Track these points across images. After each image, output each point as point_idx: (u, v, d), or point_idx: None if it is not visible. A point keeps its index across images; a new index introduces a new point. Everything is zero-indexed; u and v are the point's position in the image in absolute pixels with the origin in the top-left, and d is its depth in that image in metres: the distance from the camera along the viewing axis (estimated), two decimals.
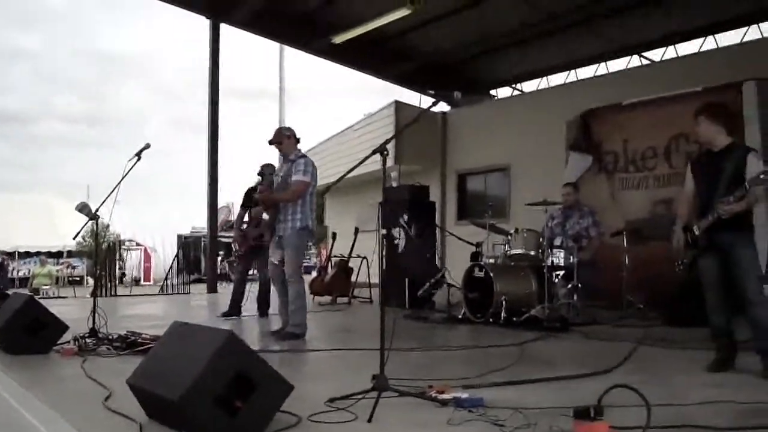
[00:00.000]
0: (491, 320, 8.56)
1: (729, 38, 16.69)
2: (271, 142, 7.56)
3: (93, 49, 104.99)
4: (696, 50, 16.92)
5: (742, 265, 5.22)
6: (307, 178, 7.28)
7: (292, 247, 7.25)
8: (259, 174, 8.51)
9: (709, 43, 16.96)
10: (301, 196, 7.26)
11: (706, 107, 5.61)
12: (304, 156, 7.53)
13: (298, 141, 7.61)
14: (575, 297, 8.70)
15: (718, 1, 15.63)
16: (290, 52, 23.36)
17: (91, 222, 7.33)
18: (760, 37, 15.86)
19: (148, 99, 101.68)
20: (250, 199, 9.90)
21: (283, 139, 7.51)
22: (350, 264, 13.28)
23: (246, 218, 10.10)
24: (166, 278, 19.26)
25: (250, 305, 10.13)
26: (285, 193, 7.35)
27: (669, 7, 16.16)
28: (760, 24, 16.09)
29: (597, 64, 19.40)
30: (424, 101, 20.73)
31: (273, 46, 22.66)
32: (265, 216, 7.79)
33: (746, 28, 16.30)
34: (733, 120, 5.61)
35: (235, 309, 9.92)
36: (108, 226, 18.52)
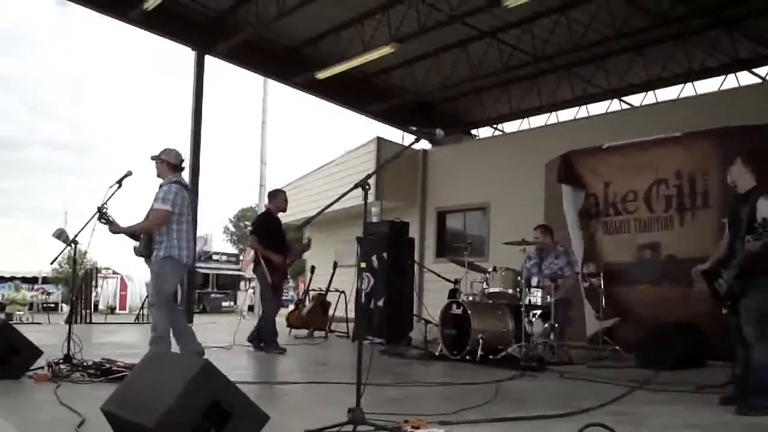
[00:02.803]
0: (468, 357, 8.55)
1: (707, 86, 17.01)
2: (153, 158, 7.13)
3: (78, 76, 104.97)
4: (675, 96, 17.20)
5: (743, 307, 5.42)
6: (166, 206, 6.82)
7: (154, 275, 6.94)
8: None
9: (688, 89, 17.24)
10: (156, 225, 6.85)
11: (748, 151, 5.83)
12: (171, 182, 6.99)
13: (175, 168, 7.11)
14: (552, 336, 8.73)
15: (696, 50, 15.94)
16: (274, 85, 23.43)
17: (68, 248, 7.28)
18: (737, 85, 16.15)
19: (131, 127, 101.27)
20: (265, 228, 9.82)
21: (157, 161, 7.08)
22: (328, 298, 13.25)
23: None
24: (142, 307, 19.10)
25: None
26: (140, 222, 6.97)
27: (650, 55, 16.47)
28: (737, 73, 16.41)
29: (578, 107, 19.63)
30: (406, 138, 20.87)
31: (257, 78, 22.73)
32: (136, 244, 7.29)
33: (723, 76, 16.61)
34: None
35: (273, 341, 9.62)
36: (85, 253, 18.39)
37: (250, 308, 26.22)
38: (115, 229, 6.85)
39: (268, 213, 10.06)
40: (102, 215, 6.73)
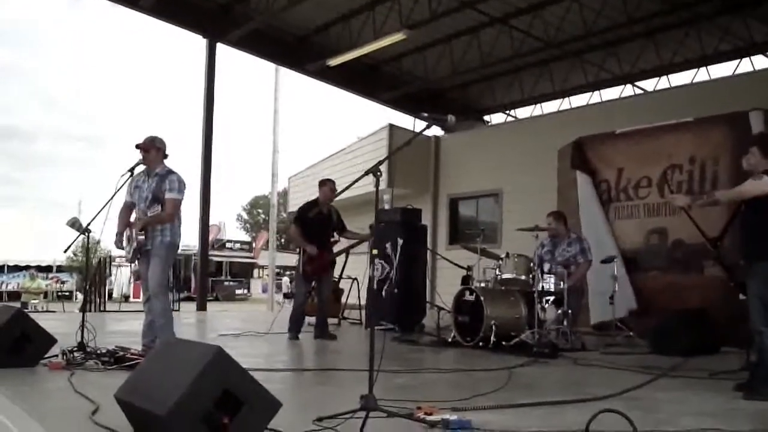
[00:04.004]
0: (481, 344, 8.54)
1: (721, 70, 16.90)
2: (138, 146, 7.06)
3: (88, 68, 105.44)
4: (689, 81, 17.11)
5: (748, 294, 5.40)
6: (181, 196, 7.00)
7: (160, 259, 6.92)
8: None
9: (702, 74, 17.14)
10: (176, 214, 7.01)
11: (761, 139, 5.78)
12: (173, 171, 7.07)
13: (165, 156, 7.17)
14: (565, 323, 8.71)
15: (709, 35, 15.84)
16: (285, 73, 23.43)
17: (81, 237, 7.31)
18: (752, 69, 16.03)
19: (142, 117, 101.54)
20: (305, 217, 9.81)
21: (152, 149, 7.05)
22: (340, 285, 13.26)
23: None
24: None
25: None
26: (163, 215, 6.95)
27: (662, 40, 16.37)
28: (752, 57, 16.29)
29: (590, 93, 19.56)
30: (418, 125, 20.85)
31: (268, 66, 22.72)
32: (141, 237, 7.24)
33: (738, 60, 16.50)
34: None
35: (298, 327, 9.74)
36: (99, 241, 18.49)
37: (286, 296, 26.34)
38: (142, 222, 6.97)
39: (314, 202, 10.04)
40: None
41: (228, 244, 42.21)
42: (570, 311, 8.74)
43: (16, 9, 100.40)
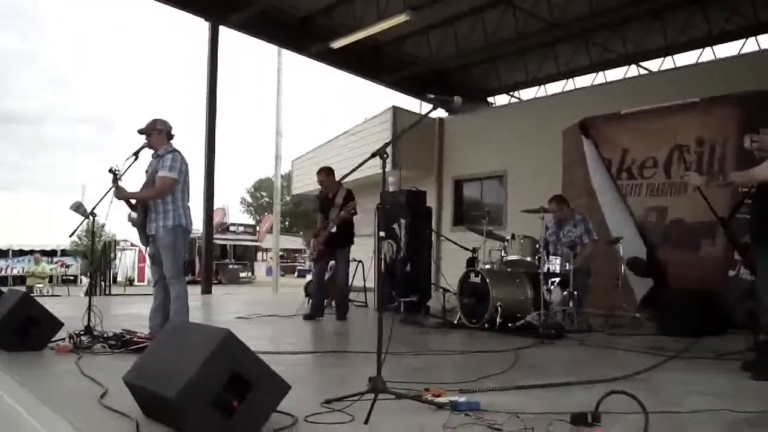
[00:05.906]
0: (486, 326, 8.55)
1: (727, 50, 16.82)
2: (140, 132, 7.00)
3: (96, 52, 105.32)
4: (694, 61, 17.02)
5: (757, 273, 5.39)
6: (174, 174, 6.80)
7: (167, 247, 6.83)
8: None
9: (707, 54, 17.05)
10: (164, 193, 6.81)
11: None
12: (173, 151, 6.95)
13: (171, 137, 7.07)
14: (570, 304, 8.70)
15: (716, 14, 15.74)
16: (288, 55, 23.34)
17: (86, 221, 7.29)
18: (758, 49, 15.94)
19: (147, 101, 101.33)
20: (324, 205, 10.17)
21: (153, 132, 6.96)
22: None
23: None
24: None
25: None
26: (147, 190, 6.91)
27: (668, 19, 16.27)
28: (758, 36, 16.20)
29: (595, 74, 19.48)
30: (422, 107, 20.81)
31: (271, 49, 22.62)
32: (134, 215, 7.03)
33: (744, 40, 16.40)
34: None
35: (318, 311, 10.18)
36: (103, 225, 18.50)
37: None
38: (122, 194, 6.83)
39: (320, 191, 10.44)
40: (114, 176, 6.73)
41: (232, 228, 42.18)
42: (576, 292, 8.74)
43: None
